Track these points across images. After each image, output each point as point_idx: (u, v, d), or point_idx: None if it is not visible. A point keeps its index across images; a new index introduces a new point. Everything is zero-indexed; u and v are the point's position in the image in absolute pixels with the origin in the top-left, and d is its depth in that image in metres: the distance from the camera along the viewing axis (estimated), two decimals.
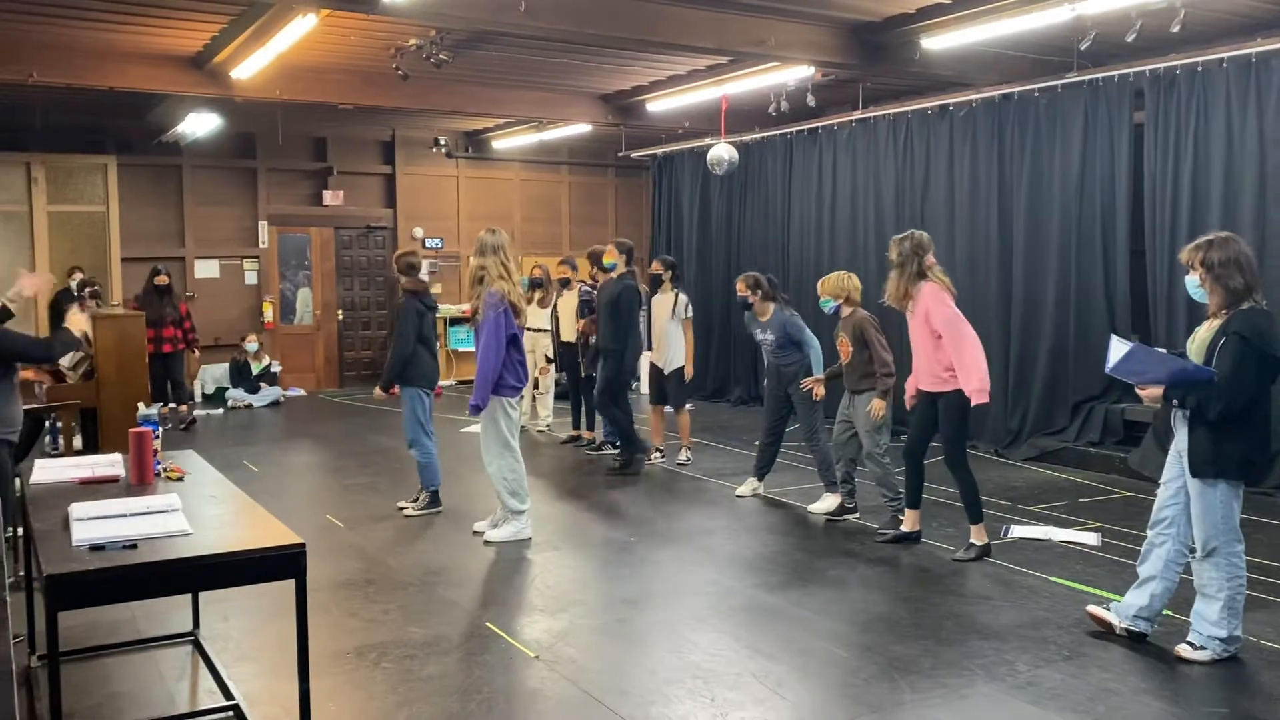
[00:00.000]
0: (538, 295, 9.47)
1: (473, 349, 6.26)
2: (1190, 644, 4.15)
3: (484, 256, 5.65)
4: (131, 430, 3.64)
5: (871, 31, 7.88)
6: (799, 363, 6.73)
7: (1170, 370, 4.03)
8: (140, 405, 3.98)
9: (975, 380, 5.36)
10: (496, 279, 5.62)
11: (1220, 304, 4.00)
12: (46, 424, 8.10)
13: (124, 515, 3.04)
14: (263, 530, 3.00)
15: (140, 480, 3.61)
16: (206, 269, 12.47)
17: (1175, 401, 4.06)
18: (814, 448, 6.73)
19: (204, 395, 11.85)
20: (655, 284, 8.36)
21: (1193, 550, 4.16)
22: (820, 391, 6.59)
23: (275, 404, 11.90)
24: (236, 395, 11.80)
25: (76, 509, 3.09)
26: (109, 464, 3.96)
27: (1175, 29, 6.71)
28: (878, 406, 5.95)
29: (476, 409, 5.70)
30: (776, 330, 6.75)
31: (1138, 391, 4.19)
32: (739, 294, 6.90)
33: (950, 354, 5.43)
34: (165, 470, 3.72)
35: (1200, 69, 7.42)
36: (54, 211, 11.35)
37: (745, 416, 10.75)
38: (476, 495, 6.88)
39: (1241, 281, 3.94)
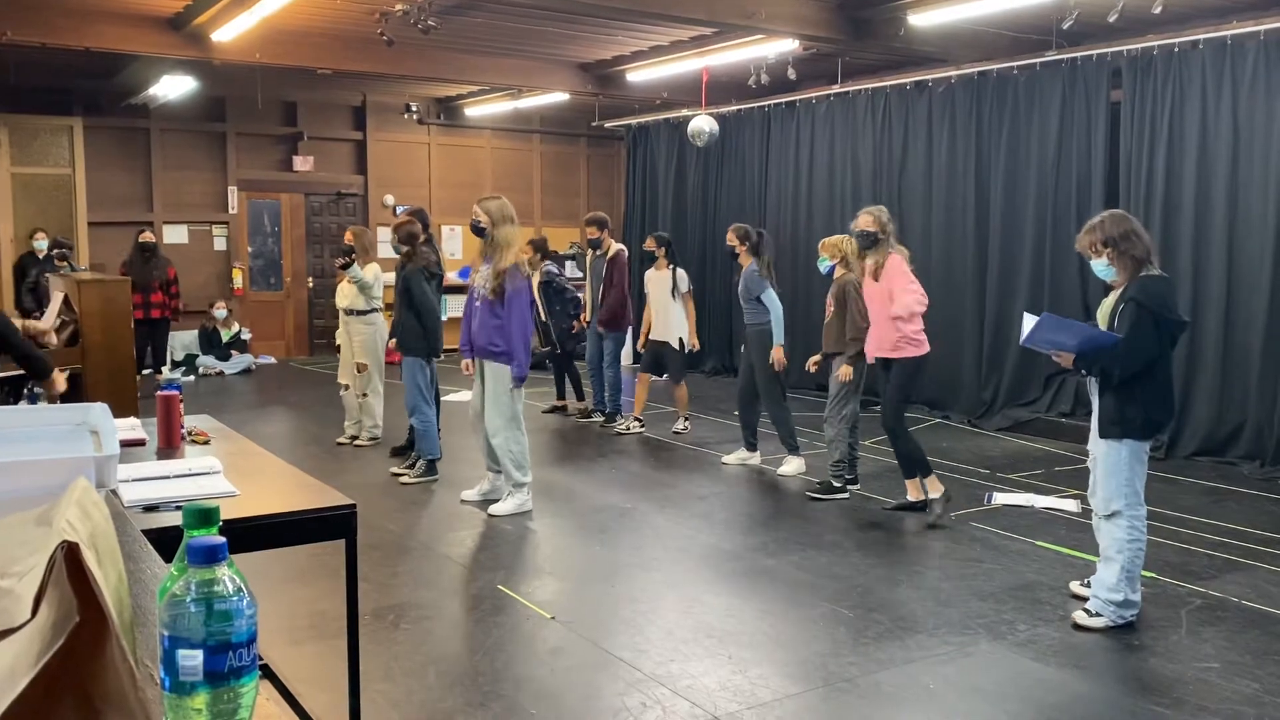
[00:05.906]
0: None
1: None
2: (1086, 611, 4.24)
3: (499, 226, 5.63)
4: (159, 394, 3.64)
5: (859, 6, 7.96)
6: (760, 325, 6.93)
7: (1081, 337, 4.15)
8: (165, 370, 3.95)
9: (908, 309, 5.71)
10: (515, 249, 5.62)
11: (1128, 276, 4.15)
12: (26, 390, 7.97)
13: (167, 477, 3.06)
14: (309, 492, 3.04)
15: (168, 443, 3.61)
16: (175, 234, 12.27)
17: (1084, 371, 4.21)
18: (770, 412, 6.95)
19: (173, 362, 11.71)
20: (649, 260, 8.43)
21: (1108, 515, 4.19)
22: (781, 361, 6.80)
23: (247, 371, 11.80)
24: (208, 362, 11.68)
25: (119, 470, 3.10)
26: (128, 427, 3.96)
27: (1156, 10, 6.87)
28: (845, 371, 6.12)
29: (521, 380, 5.73)
30: (741, 282, 7.07)
31: (1053, 358, 4.30)
32: (728, 243, 7.13)
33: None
34: (191, 434, 3.73)
35: (1177, 50, 7.60)
36: (18, 174, 11.09)
37: (720, 387, 10.88)
38: (465, 462, 6.93)
39: (1143, 248, 4.14)
